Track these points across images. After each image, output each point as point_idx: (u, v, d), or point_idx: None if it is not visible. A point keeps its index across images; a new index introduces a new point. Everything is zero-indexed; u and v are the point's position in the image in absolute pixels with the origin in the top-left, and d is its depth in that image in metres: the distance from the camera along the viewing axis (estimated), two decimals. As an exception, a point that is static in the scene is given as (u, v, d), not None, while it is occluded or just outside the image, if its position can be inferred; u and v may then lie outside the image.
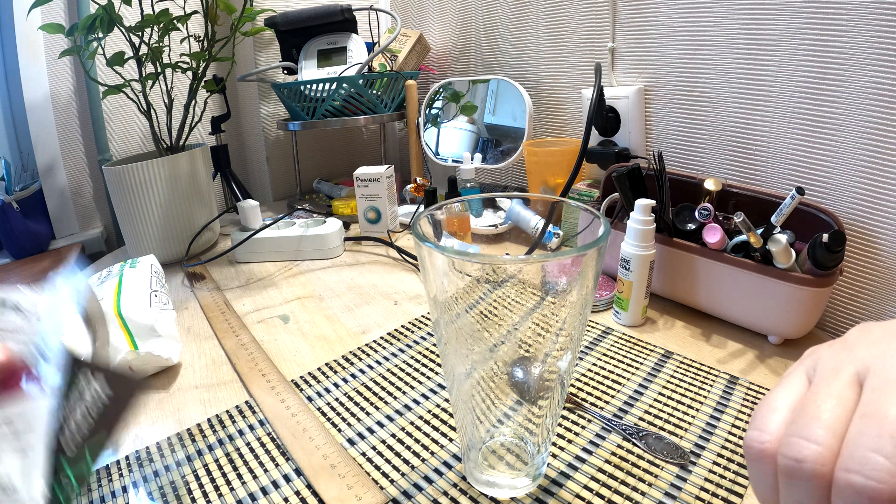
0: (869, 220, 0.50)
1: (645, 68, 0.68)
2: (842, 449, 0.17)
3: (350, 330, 0.57)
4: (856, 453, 0.16)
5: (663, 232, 0.54)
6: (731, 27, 0.57)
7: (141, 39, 0.72)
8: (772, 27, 0.54)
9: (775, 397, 0.20)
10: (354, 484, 0.36)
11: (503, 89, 0.86)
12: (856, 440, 0.16)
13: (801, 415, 0.18)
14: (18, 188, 0.91)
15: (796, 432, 0.18)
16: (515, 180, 0.97)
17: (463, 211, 0.34)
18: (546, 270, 0.26)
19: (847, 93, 0.49)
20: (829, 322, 0.56)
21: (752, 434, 0.19)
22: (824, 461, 0.17)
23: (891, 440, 0.16)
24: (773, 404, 0.20)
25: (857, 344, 0.20)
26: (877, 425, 0.16)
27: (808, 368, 0.20)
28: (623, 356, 0.48)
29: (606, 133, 0.72)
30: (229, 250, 0.75)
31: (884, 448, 0.16)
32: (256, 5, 0.88)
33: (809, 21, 0.51)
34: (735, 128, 0.60)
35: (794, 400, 0.19)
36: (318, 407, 0.44)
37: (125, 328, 0.49)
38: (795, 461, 0.17)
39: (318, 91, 0.89)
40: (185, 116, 0.78)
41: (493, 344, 0.28)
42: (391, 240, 0.78)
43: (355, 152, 1.23)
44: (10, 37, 0.88)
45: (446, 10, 0.99)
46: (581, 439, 0.38)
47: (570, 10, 0.75)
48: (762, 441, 0.19)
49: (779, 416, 0.19)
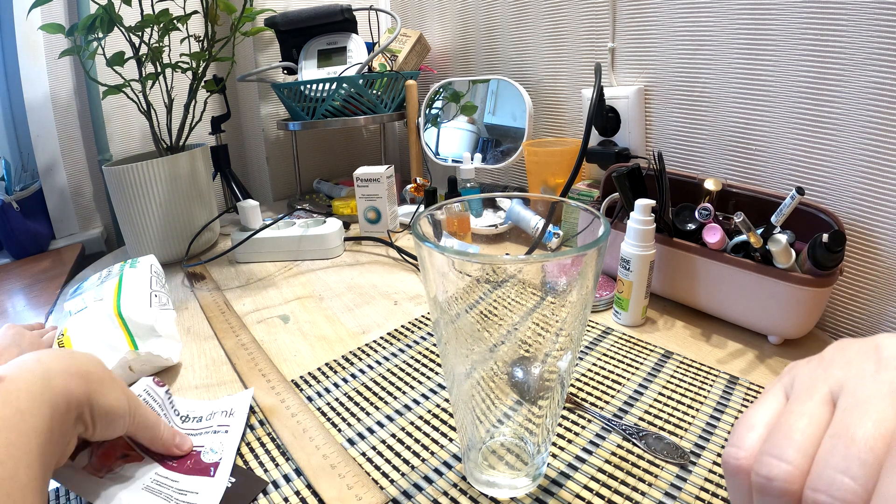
0: (869, 220, 0.50)
1: (645, 68, 0.68)
2: (812, 468, 0.17)
3: (350, 330, 0.57)
4: (824, 473, 0.16)
5: (663, 232, 0.54)
6: (731, 27, 0.57)
7: (141, 39, 0.72)
8: (772, 27, 0.54)
9: (753, 414, 0.21)
10: (354, 484, 0.36)
11: (503, 89, 0.86)
12: (825, 460, 0.17)
13: (775, 433, 0.19)
14: (18, 188, 0.91)
15: (768, 451, 0.18)
16: (515, 180, 0.97)
17: (463, 211, 0.34)
18: (546, 270, 0.26)
19: (847, 93, 0.49)
20: (829, 322, 0.56)
21: (729, 451, 0.20)
22: (794, 480, 0.17)
23: (857, 461, 0.16)
24: (750, 421, 0.20)
25: (833, 362, 0.20)
26: (844, 446, 0.16)
27: (786, 385, 0.21)
28: (623, 356, 0.48)
29: (606, 133, 0.72)
30: (229, 250, 0.75)
31: (850, 469, 0.16)
32: (256, 5, 0.88)
33: (809, 21, 0.51)
34: (735, 128, 0.60)
35: (771, 417, 0.20)
36: (318, 407, 0.44)
37: (125, 328, 0.49)
38: (766, 479, 0.18)
39: (318, 91, 0.89)
40: (185, 116, 0.78)
41: (493, 344, 0.28)
42: (391, 240, 0.78)
43: (355, 152, 1.23)
44: (10, 37, 0.88)
45: (446, 10, 0.99)
46: (581, 439, 0.38)
47: (570, 10, 0.75)
48: (738, 457, 0.19)
49: (755, 433, 0.20)
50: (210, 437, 0.39)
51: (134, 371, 0.48)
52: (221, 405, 0.43)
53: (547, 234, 0.36)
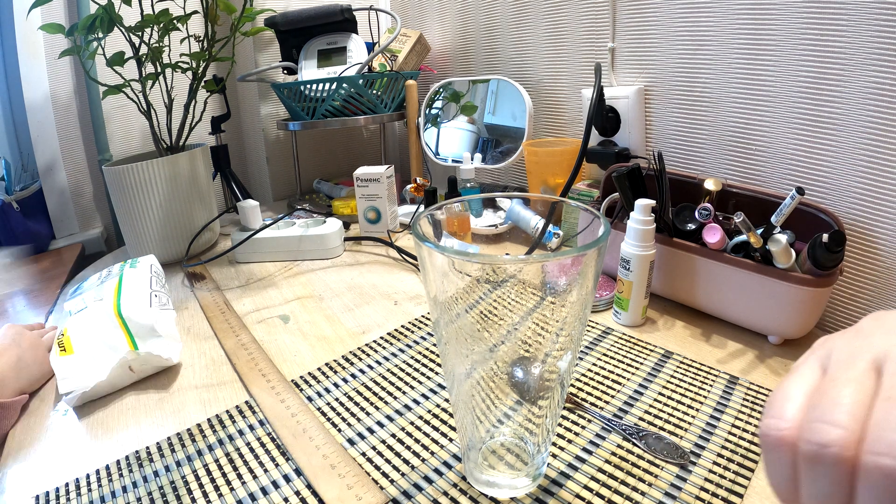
0: (869, 220, 0.50)
1: (645, 68, 0.68)
2: (867, 433, 0.16)
3: (350, 330, 0.57)
4: (883, 436, 0.16)
5: (663, 232, 0.54)
6: (731, 27, 0.57)
7: (141, 39, 0.72)
8: (772, 27, 0.54)
9: (789, 385, 0.20)
10: (354, 484, 0.36)
11: (503, 89, 0.86)
12: (882, 423, 0.16)
13: (822, 400, 0.18)
14: (18, 188, 0.91)
15: (818, 417, 0.17)
16: (515, 180, 0.97)
17: (463, 211, 0.34)
18: (546, 270, 0.26)
19: (847, 93, 0.49)
20: (829, 322, 0.56)
21: (768, 422, 0.19)
22: (849, 445, 0.16)
23: None
24: (788, 393, 0.19)
25: (872, 332, 0.19)
26: None
27: (821, 358, 0.20)
28: (623, 356, 0.48)
29: (606, 133, 0.72)
30: (229, 250, 0.75)
31: None
32: (256, 5, 0.88)
33: (809, 21, 0.51)
34: (735, 128, 0.60)
35: (810, 388, 0.19)
36: (318, 407, 0.44)
37: (125, 328, 0.49)
38: (819, 445, 0.17)
39: (318, 91, 0.89)
40: (185, 116, 0.78)
41: (493, 344, 0.28)
42: (391, 240, 0.78)
43: (355, 152, 1.23)
44: (10, 37, 0.88)
45: (446, 10, 0.99)
46: (581, 439, 0.38)
47: (570, 10, 0.75)
48: (780, 428, 0.18)
49: (794, 403, 0.19)
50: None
51: (134, 371, 0.48)
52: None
53: (547, 234, 0.36)
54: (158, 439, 0.41)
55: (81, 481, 0.38)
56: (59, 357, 0.47)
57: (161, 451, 0.40)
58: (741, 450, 0.36)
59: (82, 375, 0.45)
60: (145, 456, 0.40)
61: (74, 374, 0.46)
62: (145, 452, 0.40)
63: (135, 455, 0.40)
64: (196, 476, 0.37)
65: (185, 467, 0.38)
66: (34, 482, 0.38)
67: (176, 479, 0.37)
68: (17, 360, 0.47)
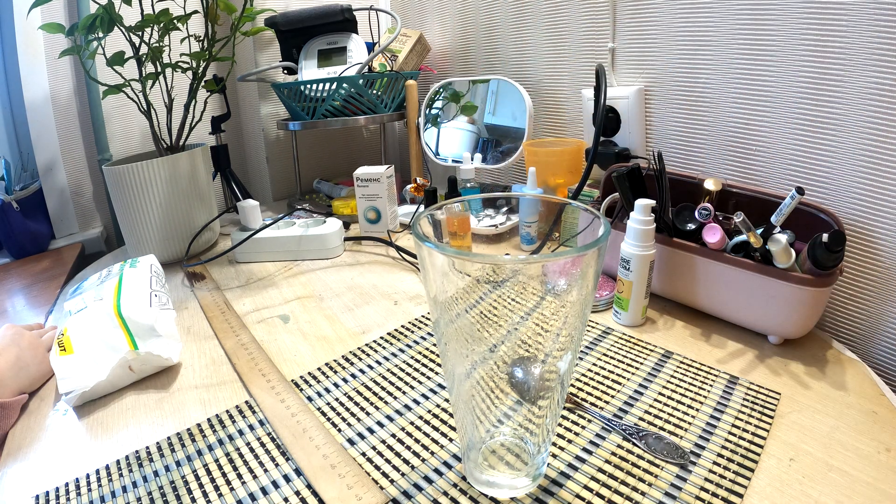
0: (869, 220, 0.50)
1: (645, 68, 0.68)
2: None
3: (350, 330, 0.57)
4: None
5: (663, 232, 0.54)
6: (731, 27, 0.57)
7: (141, 39, 0.72)
8: (772, 27, 0.54)
9: None
10: (354, 484, 0.36)
11: (503, 89, 0.86)
12: None
13: None
14: (18, 188, 0.91)
15: None
16: (515, 180, 0.97)
17: (463, 211, 0.34)
18: (546, 270, 0.26)
19: (847, 93, 0.49)
20: (828, 322, 0.56)
21: None
22: None
23: None
24: None
25: None
26: None
27: None
28: (623, 356, 0.48)
29: (606, 133, 0.72)
30: (229, 250, 0.75)
31: None
32: (256, 5, 0.88)
33: (809, 21, 0.51)
34: (735, 128, 0.60)
35: None
36: (318, 407, 0.44)
37: (125, 328, 0.49)
38: None
39: (318, 91, 0.89)
40: (185, 116, 0.78)
41: (493, 344, 0.28)
42: (391, 240, 0.78)
43: (355, 152, 1.23)
44: (10, 37, 0.88)
45: (446, 10, 0.99)
46: (581, 439, 0.38)
47: (570, 10, 0.75)
48: None
49: None
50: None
51: (134, 371, 0.48)
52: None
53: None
54: (158, 439, 0.41)
55: (81, 481, 0.38)
56: (58, 357, 0.47)
57: (161, 450, 0.40)
58: (741, 450, 0.36)
59: (82, 375, 0.45)
60: (145, 456, 0.40)
61: (74, 373, 0.46)
62: (145, 452, 0.40)
63: (135, 455, 0.40)
64: (196, 476, 0.37)
65: (184, 467, 0.38)
66: (34, 482, 0.38)
67: (176, 479, 0.37)
68: (17, 360, 0.48)
